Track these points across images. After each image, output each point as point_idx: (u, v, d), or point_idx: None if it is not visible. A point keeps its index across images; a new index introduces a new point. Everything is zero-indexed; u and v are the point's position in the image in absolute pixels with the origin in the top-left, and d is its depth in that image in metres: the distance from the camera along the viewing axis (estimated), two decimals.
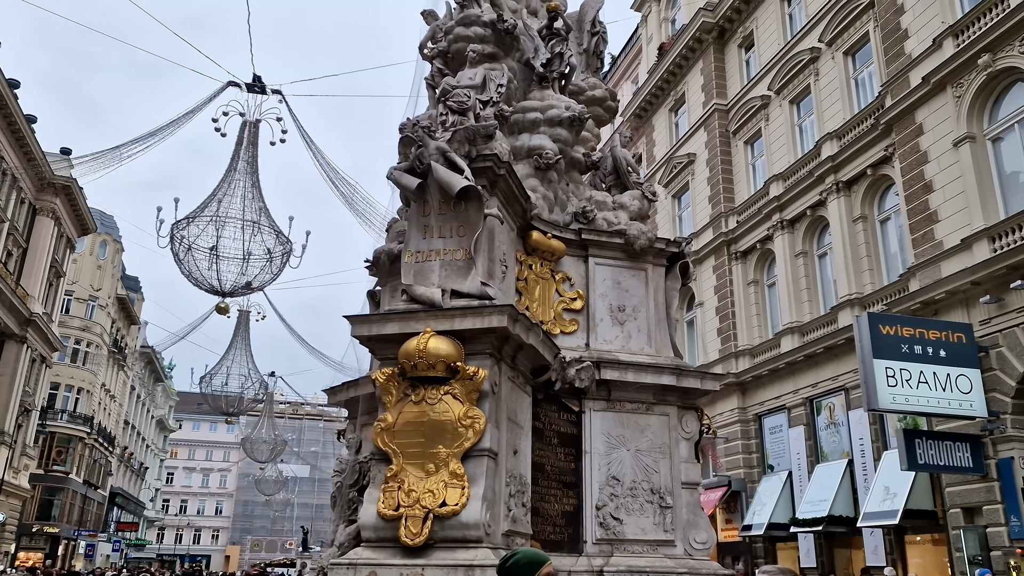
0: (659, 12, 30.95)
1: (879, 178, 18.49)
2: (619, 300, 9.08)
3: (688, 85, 27.67)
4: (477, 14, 8.91)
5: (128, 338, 55.99)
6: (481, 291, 6.89)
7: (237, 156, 15.88)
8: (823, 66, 21.04)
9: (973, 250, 14.67)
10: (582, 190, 9.83)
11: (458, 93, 7.81)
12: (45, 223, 35.39)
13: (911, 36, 17.28)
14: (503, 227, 7.69)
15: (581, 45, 10.45)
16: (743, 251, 23.16)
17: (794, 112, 22.30)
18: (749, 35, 25.04)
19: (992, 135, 15.27)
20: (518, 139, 9.01)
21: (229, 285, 16.65)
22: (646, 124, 30.69)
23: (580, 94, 10.07)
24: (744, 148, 24.42)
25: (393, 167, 7.29)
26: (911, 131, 16.83)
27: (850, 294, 18.41)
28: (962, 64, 15.49)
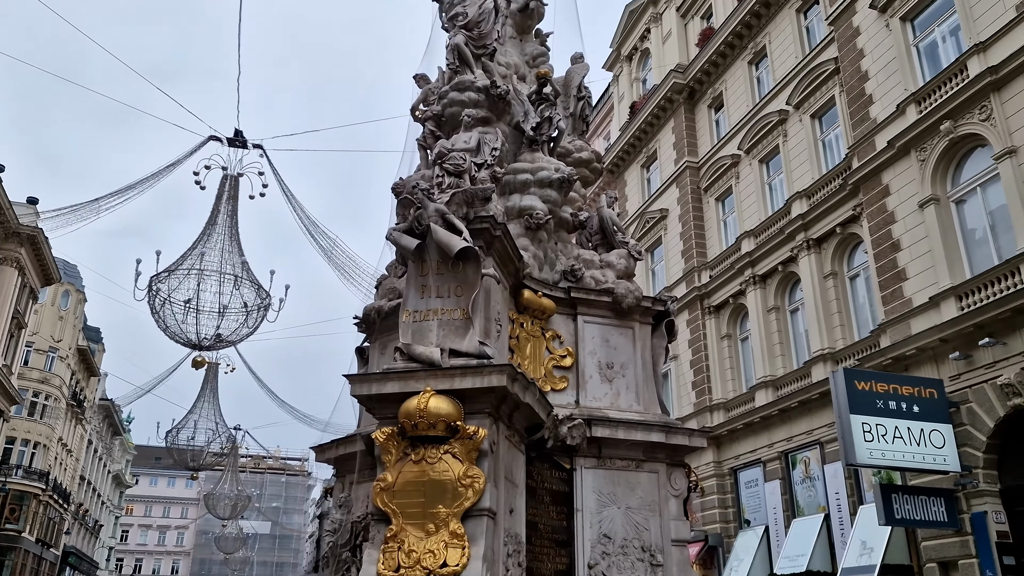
0: (630, 72, 31.84)
1: (848, 236, 19.05)
2: (608, 357, 9.22)
3: (660, 143, 28.38)
4: (471, 80, 9.17)
5: (88, 390, 54.68)
6: (479, 350, 6.97)
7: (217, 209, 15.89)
8: (791, 128, 21.76)
9: (941, 308, 15.10)
10: (570, 249, 10.03)
11: (454, 156, 8.00)
12: (8, 273, 34.73)
13: (875, 102, 18.00)
14: (498, 287, 7.83)
15: (568, 109, 10.76)
16: (716, 305, 23.55)
17: (764, 171, 22.96)
18: (719, 96, 25.85)
19: (955, 197, 15.87)
20: (509, 199, 9.21)
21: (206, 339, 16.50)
22: (618, 179, 31.30)
23: (568, 156, 10.34)
24: (715, 205, 25.01)
25: (392, 228, 7.42)
26: (878, 192, 17.42)
27: (822, 349, 18.77)
28: (925, 130, 16.15)
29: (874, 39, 18.33)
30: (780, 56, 22.87)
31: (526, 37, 11.54)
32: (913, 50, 17.45)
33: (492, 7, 9.91)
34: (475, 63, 9.71)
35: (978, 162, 15.51)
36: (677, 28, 28.41)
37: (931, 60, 17.09)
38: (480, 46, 9.79)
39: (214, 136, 16.57)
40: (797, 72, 21.65)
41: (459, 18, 10.05)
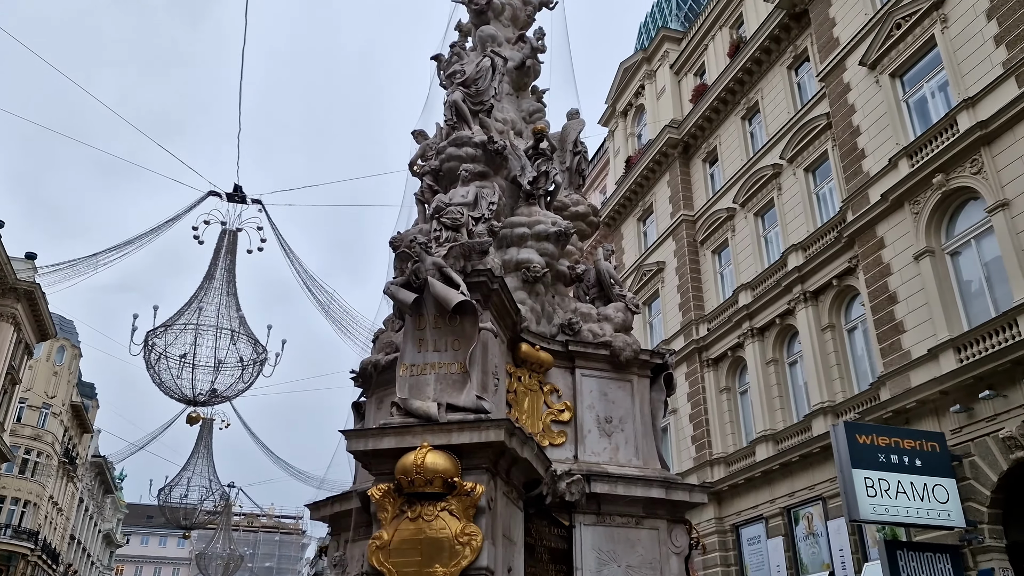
0: (626, 127, 32.31)
1: (845, 288, 19.09)
2: (606, 411, 9.13)
3: (655, 196, 28.64)
4: (468, 135, 9.28)
5: (80, 447, 54.03)
6: (477, 405, 6.90)
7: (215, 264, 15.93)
8: (785, 181, 22.00)
9: (940, 360, 15.05)
10: (567, 302, 10.01)
11: (452, 210, 8.05)
12: (4, 329, 34.62)
13: (868, 155, 18.24)
14: (496, 340, 7.79)
15: (564, 164, 10.87)
16: (715, 358, 23.47)
17: (759, 224, 23.13)
18: (713, 151, 26.20)
19: (950, 249, 15.96)
20: (507, 253, 9.23)
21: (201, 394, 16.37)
22: (615, 233, 31.50)
23: (564, 210, 10.40)
24: (712, 257, 25.12)
25: (389, 282, 7.41)
26: (873, 244, 17.52)
27: (822, 402, 18.65)
28: (917, 183, 16.33)
29: (864, 95, 18.66)
30: (772, 111, 23.24)
31: (523, 94, 11.71)
32: (903, 105, 17.75)
33: (489, 65, 10.08)
34: (473, 119, 9.84)
35: (971, 215, 15.64)
36: (671, 84, 28.94)
37: (921, 115, 17.38)
38: (477, 103, 9.93)
39: (214, 191, 16.72)
40: (790, 127, 21.98)
41: (457, 75, 10.22)
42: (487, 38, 11.41)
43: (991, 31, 15.48)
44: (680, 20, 31.76)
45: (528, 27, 12.45)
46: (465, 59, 10.66)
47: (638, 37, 34.27)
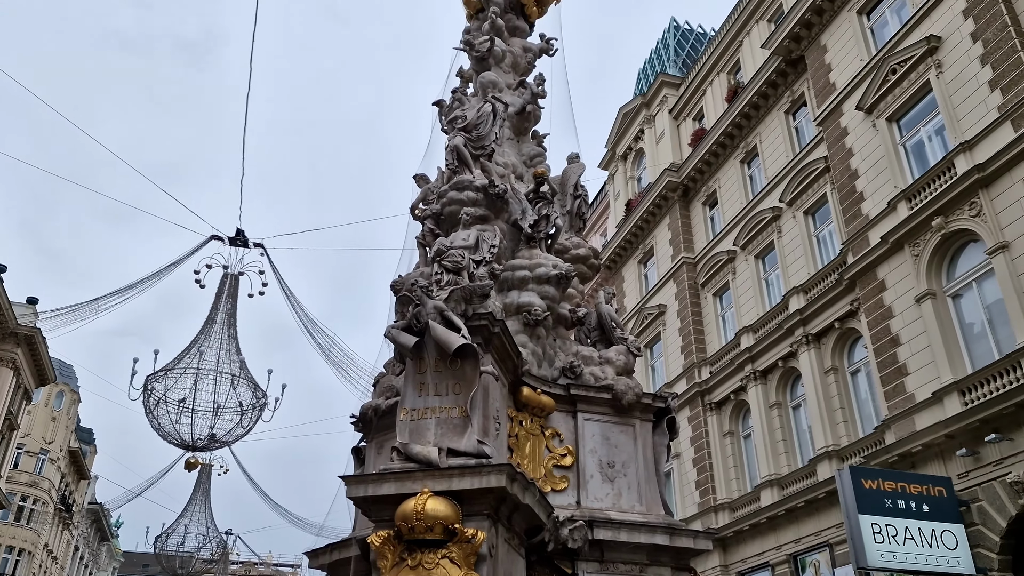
0: (626, 171, 32.57)
1: (847, 331, 19.03)
2: (608, 456, 9.02)
3: (656, 239, 28.75)
4: (470, 179, 9.34)
5: (77, 494, 53.44)
6: (478, 449, 6.83)
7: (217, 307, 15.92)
8: (785, 224, 22.08)
9: (944, 404, 14.94)
10: (569, 345, 9.97)
11: (453, 253, 8.06)
12: (3, 374, 34.48)
13: (867, 198, 18.34)
14: (497, 384, 7.73)
15: (564, 207, 10.92)
16: (717, 402, 23.30)
17: (760, 266, 23.17)
18: (712, 194, 26.36)
19: (952, 292, 15.95)
20: (508, 296, 9.22)
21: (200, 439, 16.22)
22: (615, 275, 31.54)
23: (565, 252, 10.42)
24: (713, 300, 25.11)
25: (391, 325, 7.38)
26: (874, 287, 17.52)
27: (827, 446, 18.46)
28: (917, 226, 16.39)
29: (862, 139, 18.84)
30: (771, 155, 23.45)
31: (523, 138, 11.83)
32: (901, 149, 17.91)
33: (490, 110, 10.19)
34: (474, 163, 9.92)
35: (972, 257, 15.66)
36: (670, 129, 29.25)
37: (919, 158, 17.52)
38: (478, 147, 10.02)
39: (216, 235, 16.79)
40: (788, 170, 22.14)
41: (458, 121, 10.33)
42: (488, 84, 11.56)
43: (985, 76, 15.69)
44: (678, 66, 32.23)
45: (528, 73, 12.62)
46: (466, 104, 10.78)
47: (637, 83, 34.76)
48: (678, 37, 33.91)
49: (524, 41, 13.09)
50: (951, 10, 16.82)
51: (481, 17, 12.75)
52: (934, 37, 17.02)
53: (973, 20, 16.18)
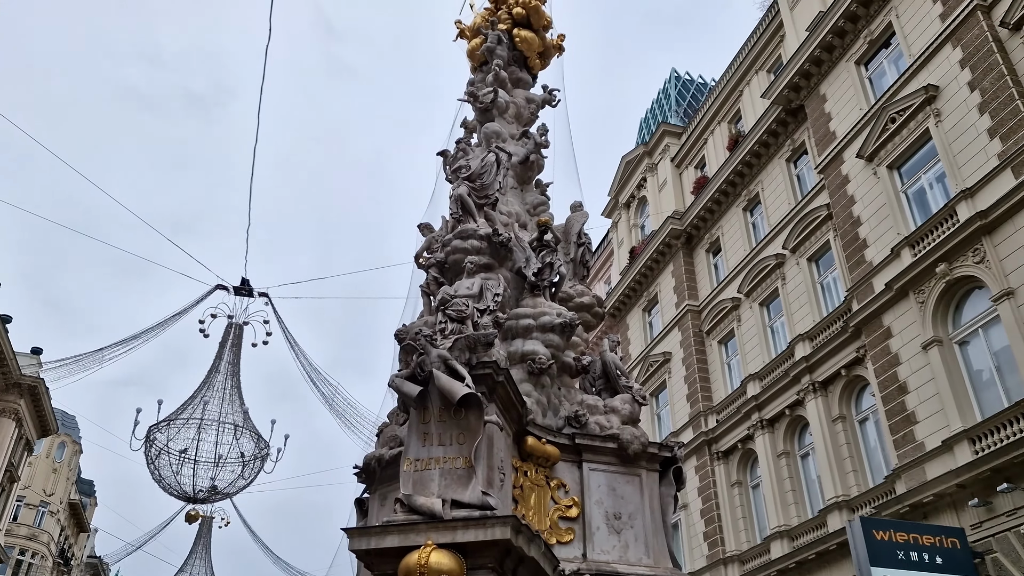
0: (629, 219, 32.75)
1: (854, 379, 18.89)
2: (615, 507, 8.88)
3: (660, 286, 28.75)
4: (474, 228, 9.40)
5: (76, 547, 52.71)
6: (482, 501, 6.74)
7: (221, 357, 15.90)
8: (789, 271, 22.10)
9: (955, 452, 14.74)
10: (573, 394, 9.90)
11: (457, 302, 8.06)
12: (5, 425, 34.31)
13: (870, 245, 18.38)
14: (501, 434, 7.66)
15: (568, 255, 10.96)
16: (725, 451, 23.03)
17: (764, 314, 23.11)
18: (716, 241, 26.45)
19: (958, 339, 15.86)
20: (512, 344, 9.19)
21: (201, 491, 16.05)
22: (620, 323, 31.48)
23: (569, 301, 10.41)
24: (718, 348, 25.00)
25: (395, 375, 7.36)
26: (880, 334, 17.43)
27: (836, 496, 18.16)
28: (921, 272, 16.37)
29: (863, 186, 18.95)
30: (773, 203, 23.58)
31: (527, 187, 11.92)
32: (902, 196, 18.00)
33: (494, 160, 10.30)
34: (478, 212, 9.98)
35: (977, 303, 15.62)
36: (672, 177, 29.49)
37: (921, 205, 17.60)
38: (482, 196, 10.09)
39: (221, 285, 16.85)
40: (791, 218, 22.24)
41: (462, 170, 10.43)
42: (492, 134, 11.70)
43: (984, 124, 15.84)
44: (679, 115, 32.64)
45: (531, 123, 12.79)
46: (470, 155, 10.90)
47: (639, 132, 35.17)
48: (679, 87, 34.42)
49: (527, 92, 13.29)
50: (948, 60, 17.07)
51: (485, 70, 12.96)
52: (932, 86, 17.24)
53: (970, 70, 16.40)
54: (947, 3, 17.29)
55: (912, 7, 18.47)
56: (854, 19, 20.06)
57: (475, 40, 13.49)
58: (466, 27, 14.05)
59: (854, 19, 20.06)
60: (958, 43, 16.82)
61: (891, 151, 18.23)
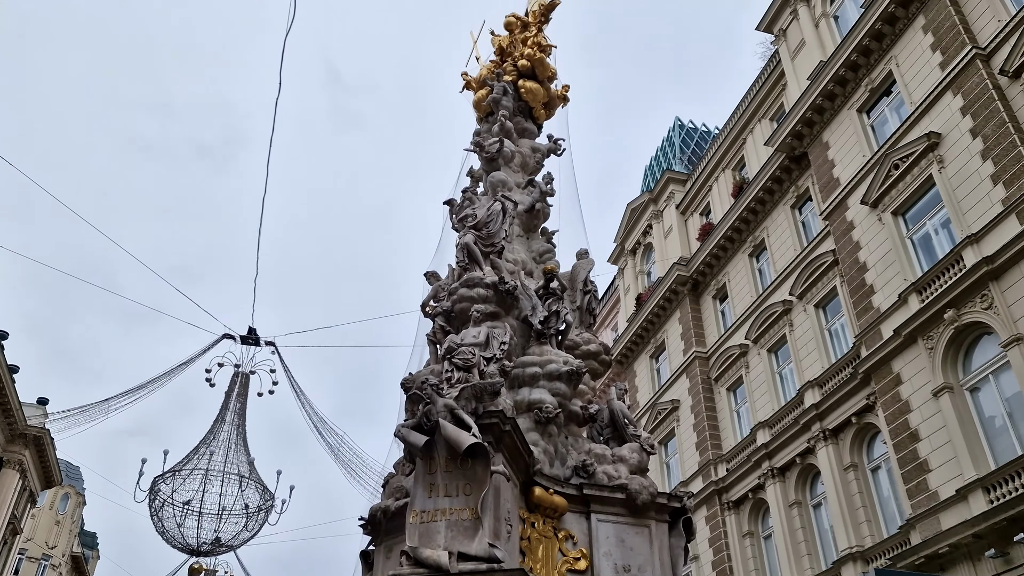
0: (635, 265, 32.81)
1: (864, 426, 18.68)
2: (624, 559, 8.72)
3: (667, 333, 28.66)
4: (480, 276, 9.43)
5: None
6: (489, 553, 6.63)
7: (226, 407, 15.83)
8: (796, 317, 22.03)
9: (969, 502, 14.49)
10: (581, 443, 9.80)
11: (463, 351, 8.04)
12: (9, 476, 34.07)
13: (877, 291, 18.34)
14: (508, 484, 7.57)
15: (575, 302, 10.96)
16: (735, 501, 22.68)
17: (773, 360, 22.98)
18: (722, 287, 26.44)
19: (969, 385, 15.70)
20: (518, 393, 9.13)
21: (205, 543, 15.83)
22: (627, 371, 31.32)
23: (576, 348, 10.38)
24: (727, 395, 24.81)
25: (400, 424, 7.31)
26: (890, 381, 17.29)
27: (850, 547, 17.81)
28: (929, 319, 16.29)
29: (868, 232, 18.99)
30: (779, 249, 23.61)
31: (533, 235, 11.98)
32: (908, 242, 18.02)
33: (500, 208, 10.37)
34: (484, 260, 10.02)
35: (987, 349, 15.50)
36: (678, 224, 29.63)
37: (927, 251, 17.60)
38: (488, 244, 10.15)
39: (228, 334, 16.86)
40: (797, 264, 22.25)
41: (469, 219, 10.50)
42: (498, 183, 11.80)
43: (987, 170, 15.92)
44: (684, 163, 32.92)
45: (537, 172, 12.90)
46: (476, 203, 10.99)
47: (644, 179, 35.44)
48: (683, 135, 34.78)
49: (533, 142, 13.45)
50: (949, 108, 17.24)
51: (491, 120, 13.14)
52: (934, 133, 17.38)
53: (971, 117, 16.55)
54: (946, 52, 17.53)
55: (912, 56, 18.72)
56: (855, 68, 20.34)
57: (481, 91, 13.71)
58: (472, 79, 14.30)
59: (855, 68, 20.34)
60: (958, 91, 17.01)
61: (895, 197, 18.31)
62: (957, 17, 17.36)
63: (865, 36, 19.70)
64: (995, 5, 16.77)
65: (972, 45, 16.82)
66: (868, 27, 19.54)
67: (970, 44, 16.86)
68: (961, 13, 17.45)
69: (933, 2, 18.15)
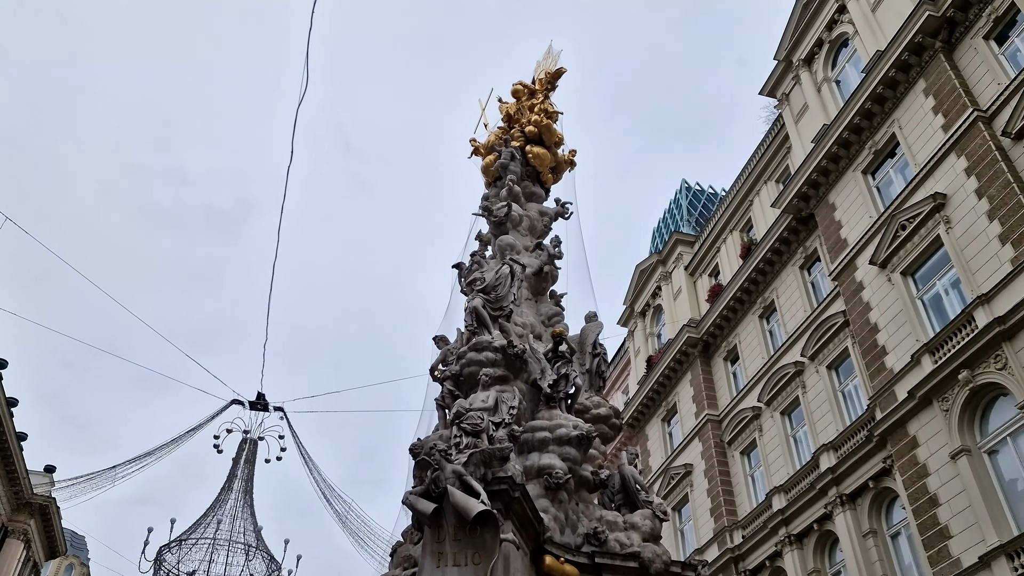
0: (644, 327, 32.70)
1: (882, 491, 18.27)
2: None
3: (679, 396, 28.37)
4: (488, 340, 9.43)
5: None
6: None
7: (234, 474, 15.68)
8: (808, 379, 21.80)
9: (993, 569, 14.07)
10: (592, 510, 9.65)
11: (472, 416, 8.00)
12: (14, 546, 33.55)
13: (889, 352, 18.17)
14: (518, 552, 7.42)
15: (584, 366, 10.93)
16: (752, 570, 22.08)
17: (787, 423, 22.66)
18: (733, 349, 26.26)
19: (987, 448, 15.41)
20: (528, 458, 9.04)
21: None
22: (639, 434, 30.92)
23: (585, 412, 10.31)
24: (741, 459, 24.41)
25: (408, 491, 7.23)
26: (906, 443, 16.99)
27: None
28: (943, 380, 16.08)
29: (878, 292, 18.91)
30: (789, 310, 23.53)
31: (541, 298, 12.03)
32: (919, 303, 17.92)
33: (508, 272, 10.44)
34: (492, 324, 10.04)
35: (1003, 411, 15.25)
36: (687, 285, 29.63)
37: (938, 311, 17.49)
38: (497, 308, 10.18)
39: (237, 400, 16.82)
40: (808, 325, 22.13)
41: (477, 283, 10.57)
42: (506, 247, 11.90)
43: (995, 231, 15.93)
44: (691, 224, 33.11)
45: (545, 236, 13.02)
46: (485, 267, 11.07)
47: (652, 241, 35.62)
48: (690, 197, 35.07)
49: (540, 206, 13.60)
50: (953, 169, 17.35)
51: (499, 185, 13.32)
52: (939, 194, 17.45)
53: (976, 178, 16.64)
54: (948, 115, 17.74)
55: (914, 119, 18.95)
56: (858, 131, 20.58)
57: (489, 157, 13.94)
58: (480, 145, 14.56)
59: (858, 131, 20.58)
60: (962, 152, 17.15)
61: (904, 258, 18.29)
62: (957, 80, 17.62)
63: (867, 100, 19.99)
64: (994, 68, 17.04)
65: (973, 107, 17.02)
66: (870, 91, 19.84)
67: (971, 107, 17.07)
68: (961, 76, 17.72)
69: (933, 66, 18.45)
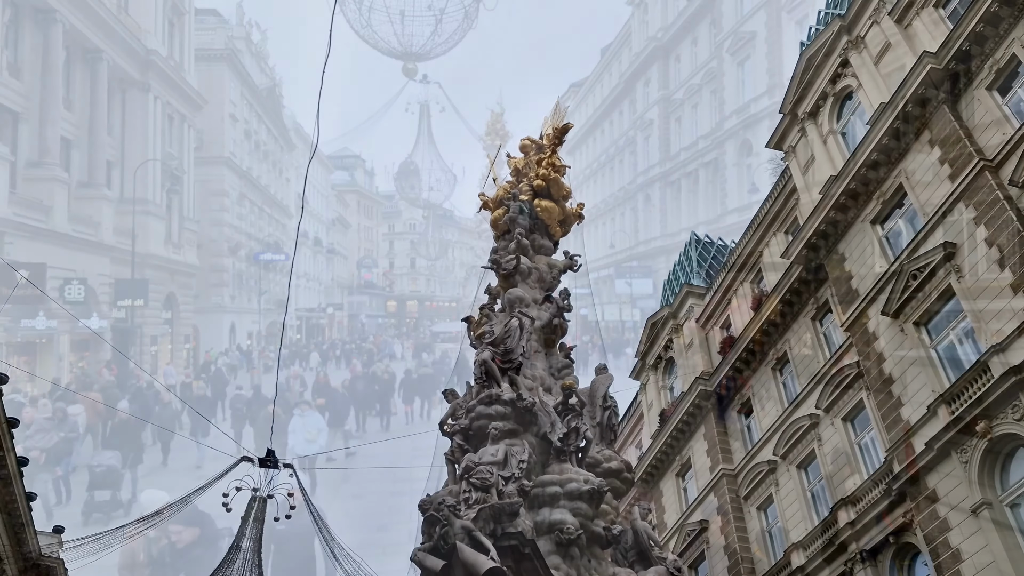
0: (657, 380, 32.39)
1: (903, 546, 17.83)
2: None
3: (692, 450, 27.97)
4: (498, 393, 9.40)
5: None
6: None
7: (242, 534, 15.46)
8: (824, 432, 21.49)
9: None
10: (604, 566, 9.46)
11: (481, 470, 7.93)
12: None
13: (905, 403, 17.93)
14: None
15: (595, 419, 10.85)
16: None
17: (803, 477, 22.27)
18: (747, 402, 25.96)
19: (1009, 501, 15.09)
20: (538, 513, 8.91)
21: None
22: (654, 489, 30.41)
23: (597, 466, 10.20)
24: (758, 514, 23.94)
25: (417, 548, 7.13)
26: (926, 497, 16.65)
27: None
28: (961, 431, 15.83)
29: (892, 343, 18.75)
30: (802, 361, 23.31)
31: (551, 351, 12.01)
32: (933, 353, 17.74)
33: (517, 324, 10.46)
34: (502, 377, 10.01)
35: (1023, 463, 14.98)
36: (698, 338, 29.42)
37: (952, 361, 17.30)
38: (506, 361, 10.16)
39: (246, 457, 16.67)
40: (822, 376, 21.89)
41: (486, 336, 10.58)
42: (515, 299, 11.94)
43: (1006, 279, 15.85)
44: (701, 276, 33.03)
45: (554, 288, 13.06)
46: (494, 320, 11.09)
47: (663, 293, 35.50)
48: (699, 249, 35.09)
49: (549, 258, 13.68)
50: (962, 218, 17.35)
51: (507, 238, 13.43)
52: (949, 244, 17.42)
53: (985, 227, 16.62)
54: (954, 164, 17.80)
55: (920, 169, 19.02)
56: (865, 182, 20.65)
57: (498, 211, 14.08)
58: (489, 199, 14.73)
59: (865, 182, 20.65)
60: (970, 201, 17.16)
61: (916, 308, 18.17)
62: (962, 131, 17.72)
63: (873, 151, 20.10)
64: (999, 120, 17.15)
65: (979, 157, 17.09)
66: (875, 143, 19.97)
67: (977, 156, 17.14)
68: (965, 127, 17.82)
69: (937, 117, 18.59)
